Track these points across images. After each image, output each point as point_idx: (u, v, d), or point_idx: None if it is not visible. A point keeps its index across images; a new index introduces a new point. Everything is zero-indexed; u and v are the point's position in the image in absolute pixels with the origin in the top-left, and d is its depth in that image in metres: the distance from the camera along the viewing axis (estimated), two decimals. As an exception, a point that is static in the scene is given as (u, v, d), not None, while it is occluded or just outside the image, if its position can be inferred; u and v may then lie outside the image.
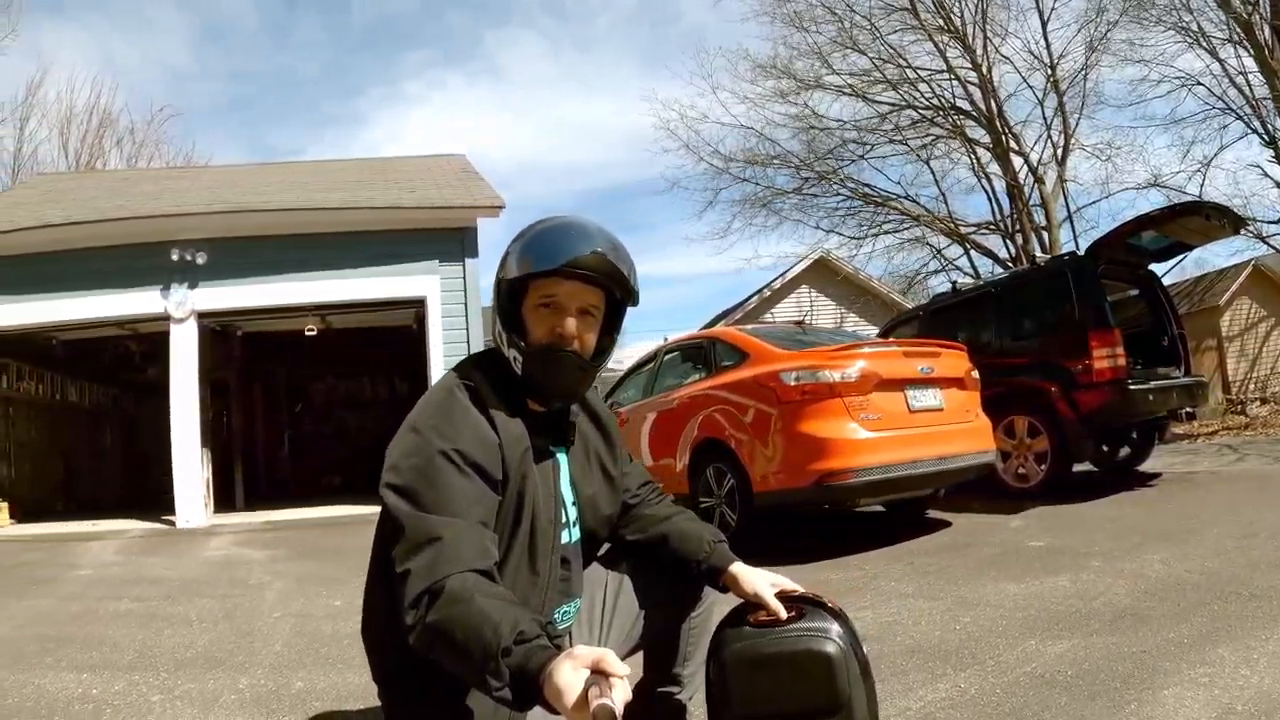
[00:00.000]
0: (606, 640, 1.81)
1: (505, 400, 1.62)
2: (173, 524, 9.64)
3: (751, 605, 1.68)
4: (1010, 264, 16.68)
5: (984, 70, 17.21)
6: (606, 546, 1.92)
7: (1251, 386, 17.93)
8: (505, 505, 1.56)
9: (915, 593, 3.83)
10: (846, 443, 4.87)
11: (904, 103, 18.26)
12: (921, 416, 5.24)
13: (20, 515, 10.79)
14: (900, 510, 6.22)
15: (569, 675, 1.12)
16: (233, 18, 52.95)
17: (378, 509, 1.57)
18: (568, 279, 1.60)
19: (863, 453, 4.86)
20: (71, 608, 5.01)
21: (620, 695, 1.09)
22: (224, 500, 11.15)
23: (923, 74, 17.92)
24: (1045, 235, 17.00)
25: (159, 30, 50.00)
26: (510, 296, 1.65)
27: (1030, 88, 17.67)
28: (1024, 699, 2.36)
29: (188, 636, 4.05)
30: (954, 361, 5.68)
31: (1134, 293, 7.50)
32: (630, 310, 1.74)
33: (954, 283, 9.13)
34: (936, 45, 17.44)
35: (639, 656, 1.94)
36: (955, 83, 17.73)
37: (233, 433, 13.05)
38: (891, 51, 17.75)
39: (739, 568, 1.74)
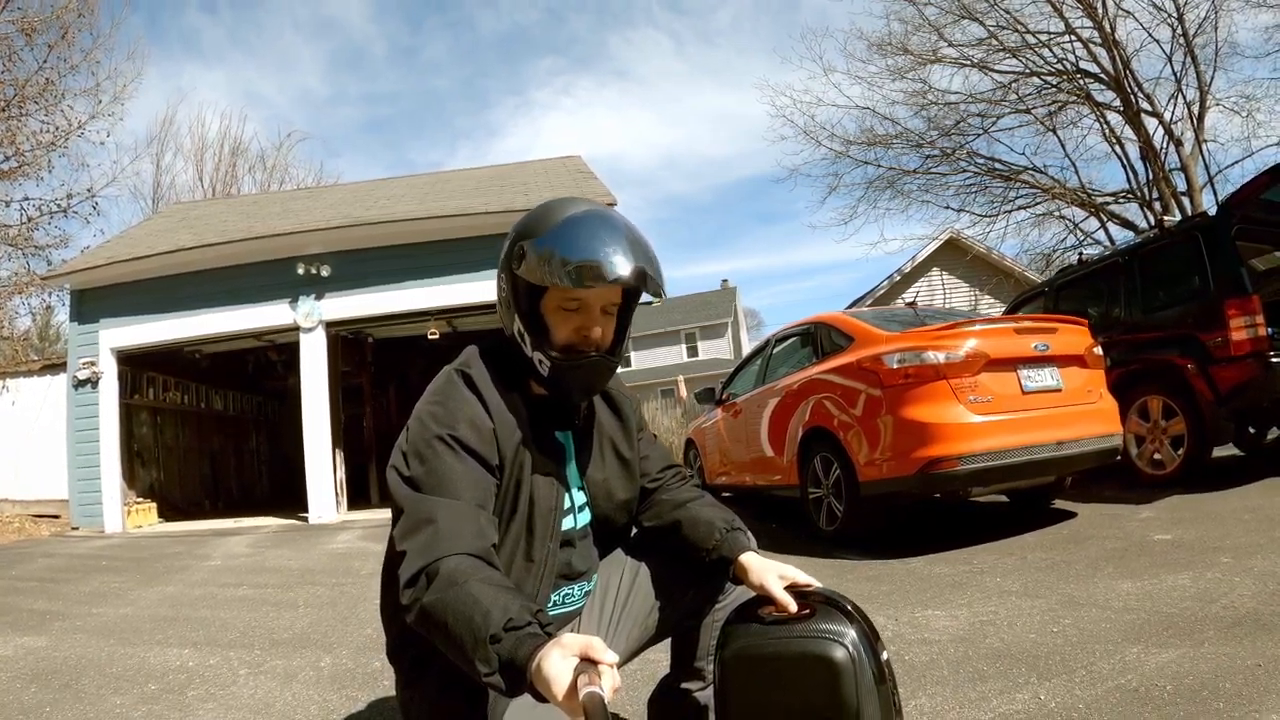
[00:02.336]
0: (616, 628, 1.78)
1: (505, 387, 1.61)
2: (305, 520, 10.21)
3: (763, 600, 1.58)
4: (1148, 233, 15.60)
5: (1106, 28, 16.06)
6: (635, 532, 1.89)
7: None
8: (503, 491, 1.57)
9: (1020, 590, 3.60)
10: (952, 427, 4.64)
11: (1026, 70, 17.32)
12: (1037, 398, 4.93)
13: (169, 514, 11.68)
14: (1023, 501, 5.91)
15: (557, 663, 1.12)
16: (362, 44, 55.49)
17: None
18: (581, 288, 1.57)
19: (970, 438, 4.61)
20: (194, 593, 5.38)
21: (609, 682, 1.08)
22: (359, 498, 11.74)
23: (1042, 38, 16.91)
24: (1187, 201, 15.79)
25: (291, 61, 52.91)
26: (530, 294, 1.62)
27: (1156, 42, 16.33)
28: (1107, 716, 2.15)
29: (290, 619, 4.28)
30: (1073, 337, 5.33)
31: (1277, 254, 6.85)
32: (748, 303, 1.68)
33: (1080, 254, 8.57)
34: (1054, 4, 16.42)
35: (651, 651, 1.90)
36: (1077, 44, 16.65)
37: (366, 434, 13.68)
38: (1008, 17, 16.84)
39: (749, 557, 1.66)
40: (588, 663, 1.11)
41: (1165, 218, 9.65)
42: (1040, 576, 3.81)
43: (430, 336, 11.92)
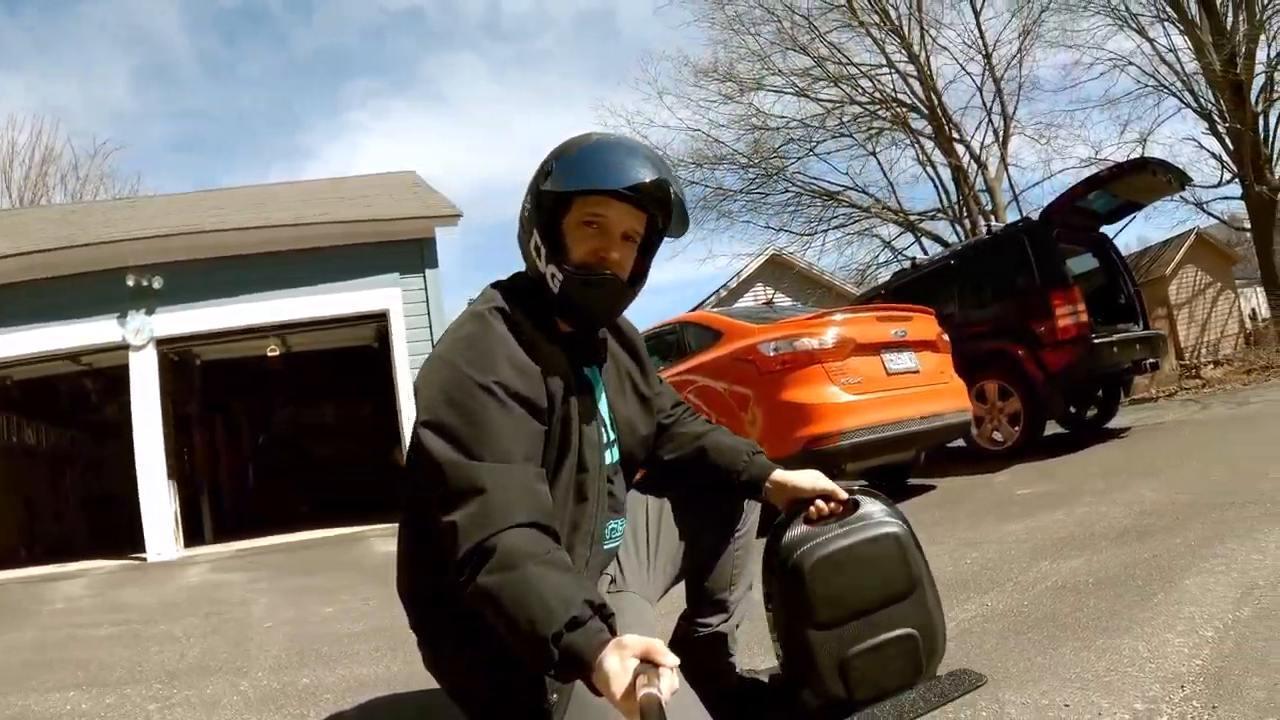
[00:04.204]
0: (653, 565, 1.77)
1: (535, 324, 1.55)
2: (143, 559, 9.39)
3: (798, 507, 1.67)
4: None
5: (922, 62, 17.63)
6: (641, 472, 1.87)
7: (1203, 351, 18.46)
8: (551, 434, 1.49)
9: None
10: (829, 407, 4.92)
11: (847, 98, 18.61)
12: (899, 379, 5.32)
13: (-19, 563, 10.44)
14: (882, 481, 6.29)
15: (617, 664, 1.10)
16: (172, 58, 52.38)
17: (351, 530, 1.51)
18: (620, 200, 1.52)
19: (847, 415, 4.91)
20: (53, 636, 4.88)
21: (667, 684, 1.07)
22: (192, 535, 10.86)
23: (863, 69, 18.32)
24: (992, 218, 17.38)
25: (97, 72, 49.25)
26: (551, 211, 1.56)
27: (969, 75, 18.19)
28: (1054, 606, 2.43)
29: (177, 651, 3.93)
30: (925, 325, 5.78)
31: (1088, 253, 7.70)
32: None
33: (913, 259, 9.28)
34: (875, 40, 17.85)
35: (668, 602, 1.91)
36: (895, 76, 18.14)
37: (196, 466, 12.78)
38: (831, 49, 18.12)
39: (782, 472, 1.73)
40: (647, 664, 1.10)
41: (993, 225, 10.59)
42: (931, 530, 4.08)
43: (270, 353, 11.34)
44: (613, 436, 1.70)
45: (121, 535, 10.26)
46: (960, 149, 18.10)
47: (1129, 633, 2.10)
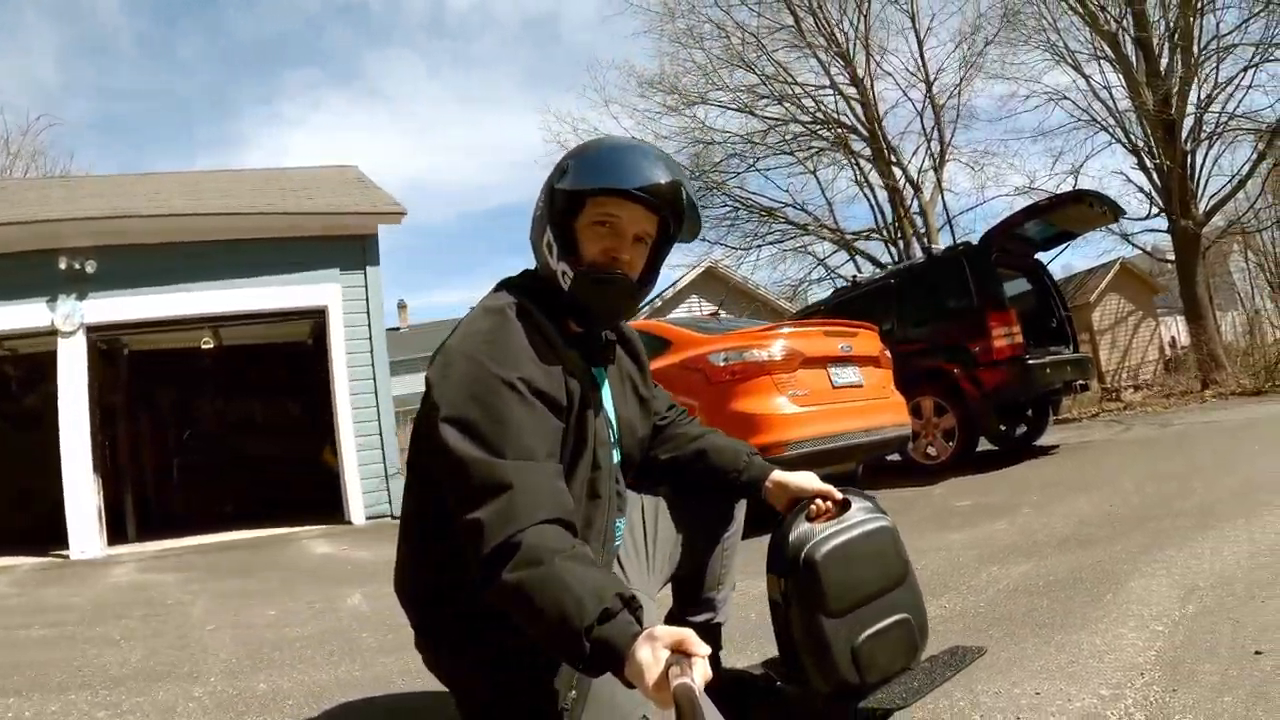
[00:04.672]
0: (652, 562, 1.81)
1: (554, 324, 1.55)
2: (66, 556, 9.03)
3: (800, 507, 1.73)
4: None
5: (865, 86, 18.02)
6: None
7: (1124, 375, 19.19)
8: (567, 432, 1.50)
9: (864, 548, 4.03)
10: (779, 417, 5.03)
11: (790, 116, 18.93)
12: (844, 392, 5.46)
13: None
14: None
15: (649, 655, 1.10)
16: (106, 32, 50.67)
17: (282, 531, 1.47)
18: (634, 201, 1.53)
19: (794, 426, 5.03)
20: (-21, 639, 4.67)
21: (700, 674, 1.07)
22: (115, 533, 10.48)
23: (807, 89, 18.66)
24: (926, 240, 17.85)
25: (23, 43, 47.37)
26: (564, 211, 1.57)
27: (910, 100, 18.66)
28: (1008, 607, 2.56)
29: (119, 654, 3.77)
30: (869, 341, 5.94)
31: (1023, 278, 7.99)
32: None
33: (853, 276, 9.49)
34: (820, 62, 18.21)
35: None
36: (838, 98, 18.54)
37: (120, 461, 12.35)
38: (778, 67, 18.39)
39: (780, 473, 1.79)
40: (680, 654, 1.10)
41: (934, 247, 10.89)
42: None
43: (204, 346, 11.07)
44: (615, 437, 1.72)
45: (42, 531, 9.85)
46: (897, 172, 18.57)
47: (1084, 629, 2.24)
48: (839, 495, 1.72)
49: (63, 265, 9.00)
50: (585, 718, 1.38)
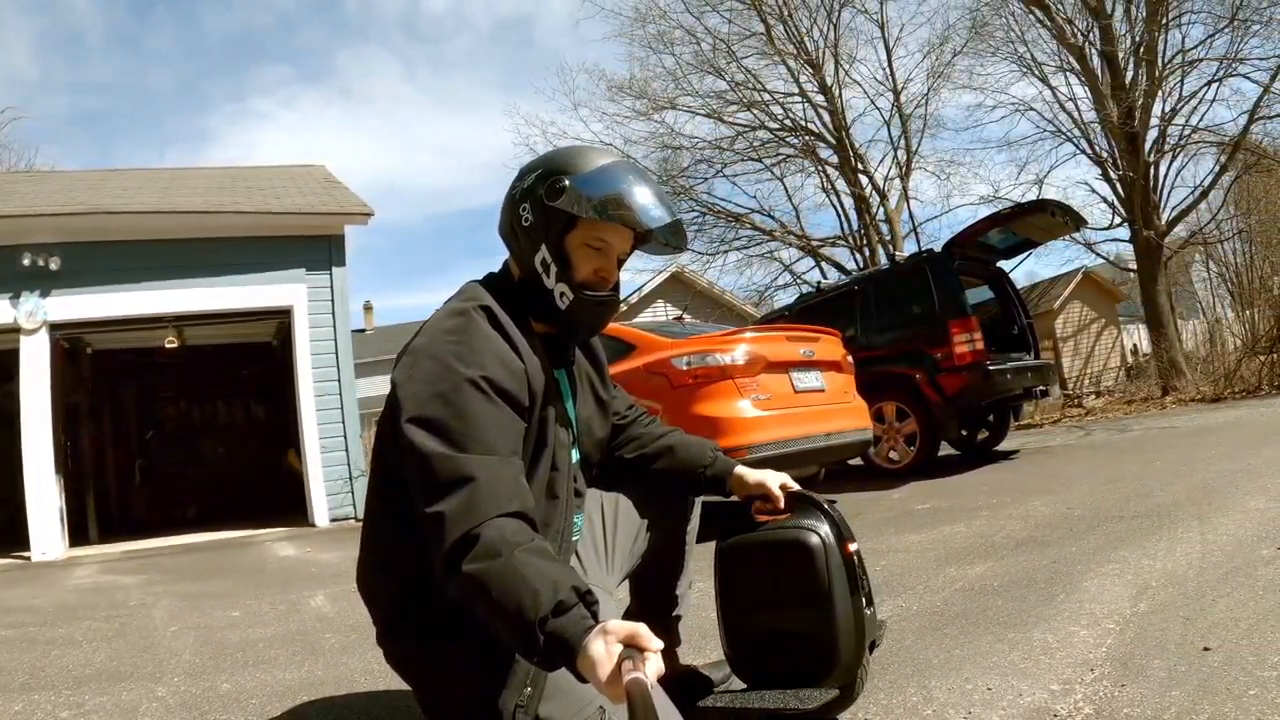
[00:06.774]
0: (612, 557, 1.85)
1: (520, 325, 1.58)
2: (27, 558, 8.90)
3: (749, 506, 1.83)
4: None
5: (833, 94, 18.19)
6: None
7: (1086, 382, 19.50)
8: (530, 432, 1.52)
9: (822, 550, 4.10)
10: (740, 421, 5.07)
11: (758, 123, 19.06)
12: (806, 396, 5.52)
13: None
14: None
15: (602, 649, 1.11)
16: (78, 25, 49.90)
17: (243, 534, 1.46)
18: (626, 227, 1.61)
19: (756, 430, 5.07)
20: (-64, 642, 4.60)
21: (653, 668, 1.08)
22: (76, 534, 10.35)
23: (776, 96, 18.83)
24: (890, 247, 18.02)
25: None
26: (560, 229, 1.60)
27: (878, 109, 18.90)
28: (964, 606, 2.64)
29: (81, 655, 3.75)
30: (831, 346, 6.00)
31: (985, 286, 8.12)
32: None
33: (818, 283, 9.59)
34: (789, 70, 18.34)
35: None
36: (806, 105, 18.70)
37: (82, 462, 12.17)
38: (747, 74, 18.53)
39: (743, 469, 1.87)
40: (633, 649, 1.11)
41: (898, 255, 11.01)
42: (836, 542, 4.30)
43: (168, 345, 10.95)
44: (575, 437, 1.75)
45: (2, 533, 9.69)
46: (864, 179, 18.76)
47: (1037, 627, 2.31)
48: (782, 502, 1.79)
49: (26, 261, 8.88)
50: (543, 708, 1.41)
